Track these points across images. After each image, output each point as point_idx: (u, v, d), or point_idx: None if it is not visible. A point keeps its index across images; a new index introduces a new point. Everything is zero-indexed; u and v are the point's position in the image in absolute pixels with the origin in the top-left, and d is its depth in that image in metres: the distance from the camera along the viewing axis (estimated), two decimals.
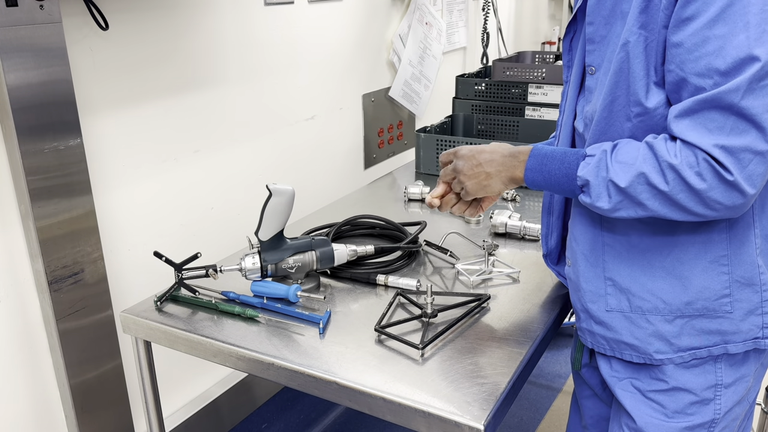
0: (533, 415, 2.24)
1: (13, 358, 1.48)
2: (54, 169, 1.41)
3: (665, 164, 0.89)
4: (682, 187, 0.89)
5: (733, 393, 1.06)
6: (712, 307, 1.01)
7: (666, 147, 0.90)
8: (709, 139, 0.86)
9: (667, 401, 1.07)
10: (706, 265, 1.00)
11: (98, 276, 1.55)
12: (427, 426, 1.00)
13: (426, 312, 1.22)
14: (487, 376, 1.06)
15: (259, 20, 1.95)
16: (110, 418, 1.65)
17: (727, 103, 0.84)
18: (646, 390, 1.09)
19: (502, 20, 3.63)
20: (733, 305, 1.00)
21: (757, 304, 1.01)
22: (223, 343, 1.19)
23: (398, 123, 2.76)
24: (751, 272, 1.00)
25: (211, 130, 1.86)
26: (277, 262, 1.32)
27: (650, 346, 1.05)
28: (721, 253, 0.99)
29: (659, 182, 0.90)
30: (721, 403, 1.06)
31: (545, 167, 1.05)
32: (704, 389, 1.05)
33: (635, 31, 0.93)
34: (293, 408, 2.25)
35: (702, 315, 1.02)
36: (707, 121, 0.86)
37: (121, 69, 1.58)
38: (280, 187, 1.29)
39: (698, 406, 1.06)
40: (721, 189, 0.87)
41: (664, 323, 1.03)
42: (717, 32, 0.84)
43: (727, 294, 1.00)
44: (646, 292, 1.03)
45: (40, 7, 1.32)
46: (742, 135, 0.85)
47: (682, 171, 0.88)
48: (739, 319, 1.01)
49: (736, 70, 0.84)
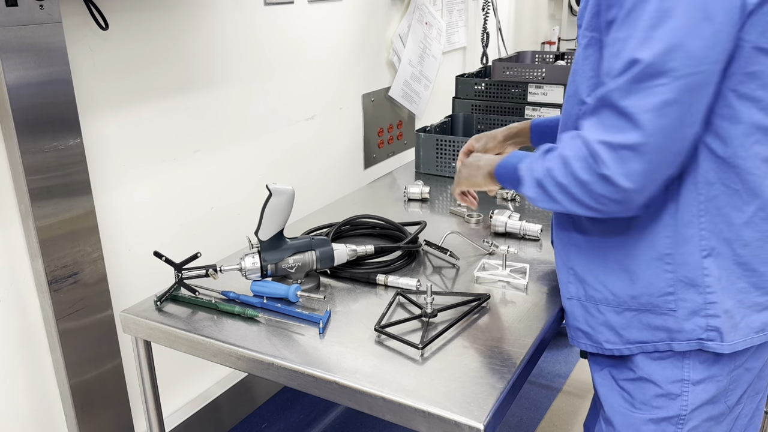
0: (533, 415, 2.24)
1: (13, 358, 1.48)
2: (54, 169, 1.41)
3: (562, 158, 0.96)
4: (574, 181, 0.95)
5: (702, 391, 1.05)
6: (657, 304, 1.04)
7: (567, 141, 0.97)
8: (596, 134, 0.91)
9: (635, 391, 1.10)
10: (651, 262, 1.02)
11: (98, 276, 1.55)
12: (427, 426, 1.00)
13: (426, 312, 1.22)
14: (487, 375, 1.06)
15: (259, 20, 1.95)
16: (110, 417, 1.65)
17: (611, 101, 0.90)
18: (619, 378, 1.13)
19: (502, 20, 3.63)
20: (677, 304, 1.02)
21: (700, 305, 1.01)
22: (223, 342, 1.19)
23: (398, 123, 2.76)
24: (694, 273, 1.00)
25: (211, 130, 1.86)
26: (277, 262, 1.32)
27: (601, 335, 1.11)
28: (665, 251, 1.01)
29: (560, 175, 0.97)
30: (689, 400, 1.06)
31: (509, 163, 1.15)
32: (670, 383, 1.06)
33: (587, 34, 1.00)
34: (293, 408, 2.25)
35: (648, 310, 1.05)
36: (602, 118, 0.92)
37: (121, 69, 1.58)
38: (280, 186, 1.29)
39: (664, 399, 1.07)
40: (600, 183, 0.92)
41: (613, 314, 1.08)
42: (620, 35, 0.90)
43: (671, 292, 1.02)
44: (598, 282, 1.09)
45: (40, 7, 1.32)
46: (621, 132, 0.89)
47: (572, 164, 0.94)
48: (683, 318, 1.02)
49: (623, 71, 0.89)
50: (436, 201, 1.88)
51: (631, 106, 0.88)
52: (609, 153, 0.90)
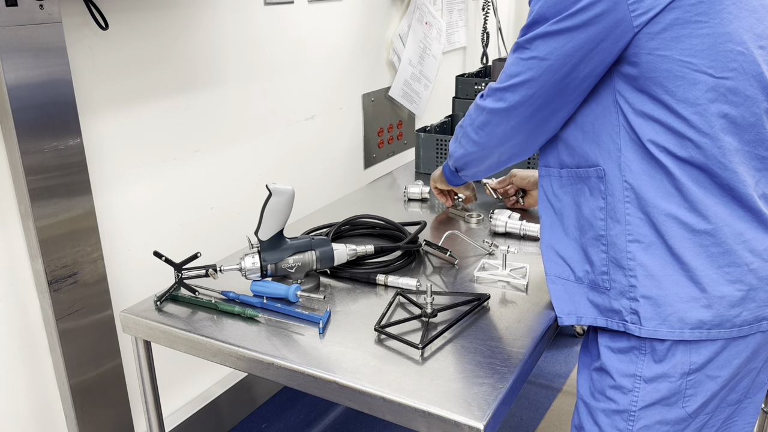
0: (533, 415, 2.24)
1: (13, 358, 1.48)
2: (54, 169, 1.41)
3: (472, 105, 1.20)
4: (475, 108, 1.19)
5: (653, 390, 1.05)
6: (597, 281, 1.10)
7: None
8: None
9: (597, 380, 1.13)
10: (592, 241, 1.09)
11: (98, 276, 1.55)
12: (427, 426, 1.00)
13: (426, 312, 1.22)
14: (486, 375, 1.06)
15: (258, 20, 1.95)
16: (110, 417, 1.65)
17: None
18: (591, 366, 1.16)
19: (502, 20, 3.63)
20: (610, 283, 1.08)
21: (625, 287, 1.06)
22: (223, 342, 1.19)
23: (398, 123, 2.76)
24: (620, 255, 1.05)
25: (211, 130, 1.86)
26: (276, 262, 1.32)
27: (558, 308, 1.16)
28: (600, 232, 1.08)
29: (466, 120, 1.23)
30: (639, 396, 1.06)
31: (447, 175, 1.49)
32: (623, 376, 1.08)
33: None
34: (293, 408, 2.25)
35: (593, 288, 1.11)
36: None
37: (121, 69, 1.58)
38: (280, 186, 1.29)
39: (616, 392, 1.09)
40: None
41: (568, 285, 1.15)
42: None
43: (606, 272, 1.08)
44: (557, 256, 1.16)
45: (40, 7, 1.32)
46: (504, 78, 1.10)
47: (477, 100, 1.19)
48: (613, 298, 1.07)
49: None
50: (436, 201, 1.88)
51: (507, 68, 1.10)
52: (490, 91, 1.14)
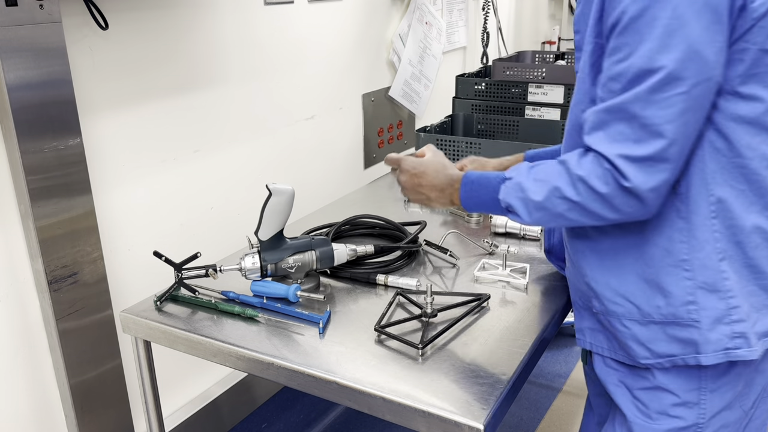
0: (533, 415, 2.24)
1: (13, 357, 1.48)
2: (54, 169, 1.41)
3: (575, 177, 0.94)
4: (592, 196, 0.93)
5: (719, 398, 1.03)
6: (680, 314, 0.99)
7: (577, 161, 0.95)
8: (613, 149, 0.90)
9: (650, 400, 1.06)
10: (669, 269, 0.98)
11: (98, 276, 1.55)
12: (427, 426, 1.00)
13: (426, 312, 1.22)
14: (487, 375, 1.06)
15: (258, 20, 1.95)
16: (110, 418, 1.65)
17: (632, 113, 0.88)
18: (634, 387, 1.08)
19: (502, 20, 3.63)
20: (699, 313, 0.98)
21: (723, 312, 0.97)
22: (223, 342, 1.19)
23: (398, 123, 2.76)
24: (714, 278, 0.97)
25: (211, 130, 1.86)
26: (276, 262, 1.32)
27: (631, 350, 1.05)
28: (682, 256, 0.98)
29: (572, 194, 0.95)
30: (706, 408, 1.03)
31: (475, 193, 1.11)
32: (687, 391, 1.03)
33: (591, 40, 0.97)
34: (293, 408, 2.25)
35: (672, 322, 1.00)
36: (615, 132, 0.90)
37: (121, 69, 1.58)
38: (280, 186, 1.29)
39: (681, 408, 1.04)
40: (622, 195, 0.91)
41: (639, 327, 1.03)
42: (628, 40, 0.88)
43: (692, 301, 0.98)
44: (618, 296, 1.03)
45: (40, 7, 1.32)
46: (644, 145, 0.88)
47: (589, 181, 0.93)
48: (707, 329, 0.98)
49: (638, 78, 0.87)
50: None
51: (652, 117, 0.87)
52: (631, 166, 0.89)
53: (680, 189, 0.96)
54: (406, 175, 1.23)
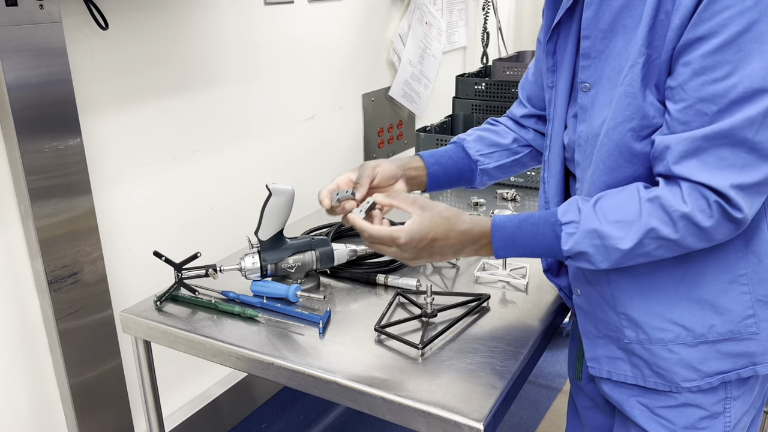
0: (533, 415, 2.24)
1: (13, 358, 1.48)
2: (54, 169, 1.41)
3: (677, 215, 0.86)
4: (692, 231, 0.87)
5: (741, 403, 1.03)
6: (737, 330, 0.97)
7: (672, 195, 0.87)
8: (723, 179, 0.83)
9: (677, 417, 1.04)
10: (726, 287, 0.95)
11: (98, 276, 1.55)
12: (427, 426, 1.00)
13: (426, 312, 1.22)
14: (487, 375, 1.06)
15: (258, 20, 1.95)
16: (110, 418, 1.65)
17: (741, 138, 0.81)
18: (655, 406, 1.05)
19: (502, 20, 3.63)
20: (759, 325, 0.96)
21: None
22: (223, 342, 1.19)
23: (398, 123, 2.76)
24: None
25: (211, 130, 1.86)
26: (276, 262, 1.32)
27: (676, 375, 1.01)
28: (740, 272, 0.95)
29: (670, 233, 0.88)
30: (731, 415, 1.03)
31: (517, 245, 0.99)
32: (714, 403, 1.02)
33: (643, 51, 0.88)
34: (293, 408, 2.25)
35: (728, 338, 0.97)
36: (717, 159, 0.83)
37: (121, 69, 1.58)
38: (280, 186, 1.29)
39: (709, 420, 1.03)
40: (727, 225, 0.87)
41: (688, 350, 0.99)
42: (729, 57, 0.80)
43: (751, 314, 0.96)
44: (665, 321, 0.99)
45: (40, 7, 1.32)
46: (755, 170, 0.83)
47: (694, 217, 0.86)
48: (766, 339, 0.97)
49: (747, 100, 0.80)
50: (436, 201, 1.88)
51: (765, 141, 0.81)
52: (742, 195, 0.83)
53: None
54: (409, 252, 1.00)
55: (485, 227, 1.00)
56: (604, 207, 0.92)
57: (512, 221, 1.00)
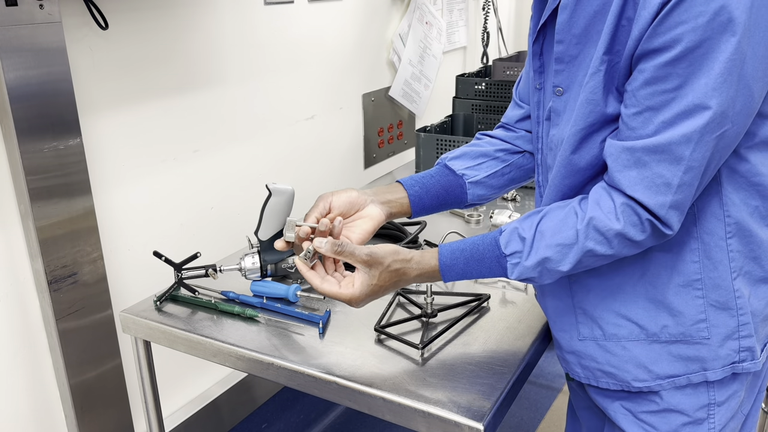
0: (533, 415, 2.24)
1: (13, 357, 1.48)
2: (53, 169, 1.41)
3: (611, 233, 0.89)
4: (625, 245, 0.91)
5: (726, 410, 1.03)
6: (689, 333, 0.98)
7: (605, 214, 0.90)
8: (656, 198, 0.86)
9: (659, 423, 1.04)
10: (680, 289, 0.97)
11: (98, 276, 1.55)
12: (427, 426, 1.00)
13: (426, 312, 1.22)
14: (487, 375, 1.06)
15: (258, 20, 1.95)
16: (110, 418, 1.65)
17: (678, 155, 0.83)
18: (638, 411, 1.05)
19: (503, 20, 3.63)
20: (710, 331, 0.97)
21: (733, 328, 0.97)
22: (223, 343, 1.19)
23: (398, 122, 2.76)
24: (726, 297, 0.96)
25: (211, 130, 1.86)
26: (276, 262, 1.32)
27: (628, 373, 1.02)
28: (694, 276, 0.96)
29: (606, 250, 0.91)
30: (715, 421, 1.03)
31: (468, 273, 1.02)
32: (697, 410, 1.02)
33: (605, 58, 0.89)
34: (293, 408, 2.25)
35: (679, 341, 0.99)
36: (655, 176, 0.85)
37: (121, 69, 1.58)
38: (280, 186, 1.29)
39: (692, 426, 1.03)
40: (657, 239, 0.91)
41: (640, 348, 1.01)
42: (679, 71, 0.81)
43: (703, 319, 0.97)
44: (620, 318, 1.01)
45: (40, 7, 1.32)
46: (684, 188, 0.85)
47: (627, 233, 0.89)
48: (717, 345, 0.98)
49: (688, 114, 0.82)
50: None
51: (700, 159, 0.83)
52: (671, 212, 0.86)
53: (694, 210, 0.94)
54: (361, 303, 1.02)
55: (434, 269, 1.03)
56: (545, 229, 0.95)
57: (459, 260, 1.02)
